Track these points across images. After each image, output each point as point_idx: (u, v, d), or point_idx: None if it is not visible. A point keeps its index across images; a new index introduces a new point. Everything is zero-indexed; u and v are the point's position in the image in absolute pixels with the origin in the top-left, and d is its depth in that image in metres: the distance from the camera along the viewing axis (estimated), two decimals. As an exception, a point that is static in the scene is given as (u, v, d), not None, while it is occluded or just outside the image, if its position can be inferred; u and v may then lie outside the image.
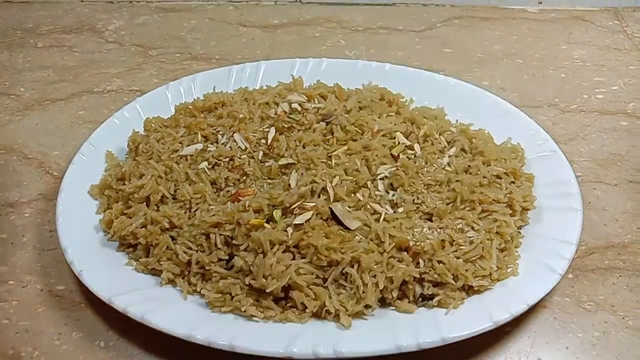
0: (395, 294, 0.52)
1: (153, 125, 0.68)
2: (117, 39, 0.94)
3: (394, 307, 0.52)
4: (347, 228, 0.54)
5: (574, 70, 0.84)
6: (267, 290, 0.51)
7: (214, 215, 0.56)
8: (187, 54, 0.90)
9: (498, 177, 0.60)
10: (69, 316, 0.56)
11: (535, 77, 0.83)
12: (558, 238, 0.56)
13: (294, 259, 0.53)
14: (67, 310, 0.56)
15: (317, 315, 0.51)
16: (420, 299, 0.52)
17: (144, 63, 0.88)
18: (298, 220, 0.54)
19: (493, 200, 0.58)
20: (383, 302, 0.53)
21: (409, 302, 0.52)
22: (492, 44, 0.89)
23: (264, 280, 0.51)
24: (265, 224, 0.54)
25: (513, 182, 0.61)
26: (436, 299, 0.52)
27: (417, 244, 0.53)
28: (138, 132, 0.68)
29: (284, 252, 0.53)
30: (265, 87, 0.74)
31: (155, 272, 0.56)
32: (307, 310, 0.51)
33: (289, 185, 0.58)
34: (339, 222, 0.54)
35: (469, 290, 0.53)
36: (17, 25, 0.97)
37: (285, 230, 0.54)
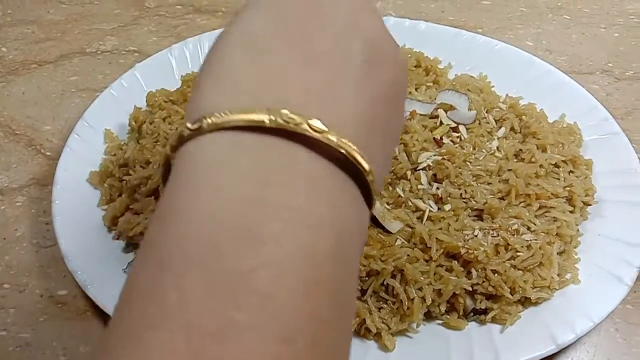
0: (443, 308, 0.46)
1: (157, 100, 0.59)
2: (108, -13, 0.82)
3: (440, 321, 0.47)
4: (387, 231, 0.48)
5: (629, 28, 0.74)
6: (300, 308, 0.45)
7: (234, 215, 0.48)
8: (189, 5, 0.79)
9: (556, 165, 0.53)
10: (75, 327, 0.50)
11: (585, 36, 0.73)
12: (623, 239, 0.49)
13: (327, 267, 0.47)
14: (71, 319, 0.50)
15: (356, 334, 0.46)
16: (472, 314, 0.47)
17: (141, 17, 0.78)
18: (331, 222, 0.47)
19: (551, 194, 0.51)
20: (428, 315, 0.47)
21: (459, 316, 0.46)
22: (535, -6, 0.79)
23: (295, 294, 0.45)
24: (294, 227, 0.48)
25: (572, 172, 0.54)
26: (490, 314, 0.46)
27: (470, 251, 0.46)
28: (140, 108, 0.60)
29: (316, 259, 0.47)
30: (282, 52, 0.65)
31: (169, 278, 0.50)
32: (345, 329, 0.45)
33: (319, 178, 0.50)
34: (378, 224, 0.48)
35: (525, 301, 0.47)
36: (-7, -31, 0.86)
37: (317, 234, 0.47)
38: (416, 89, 0.59)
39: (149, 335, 0.19)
